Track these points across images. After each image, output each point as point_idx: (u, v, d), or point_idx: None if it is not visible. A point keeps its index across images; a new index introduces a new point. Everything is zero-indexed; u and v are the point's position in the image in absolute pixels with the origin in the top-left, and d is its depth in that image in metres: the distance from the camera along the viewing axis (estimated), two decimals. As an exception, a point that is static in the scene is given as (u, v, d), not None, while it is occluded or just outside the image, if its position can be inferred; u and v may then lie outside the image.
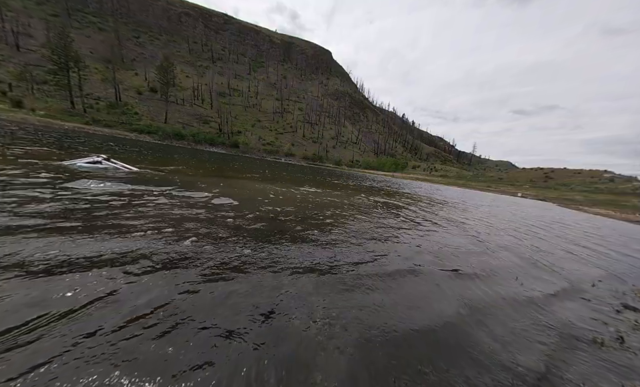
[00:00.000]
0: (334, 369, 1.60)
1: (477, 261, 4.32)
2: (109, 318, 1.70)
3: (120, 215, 3.71)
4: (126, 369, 1.36)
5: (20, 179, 4.77)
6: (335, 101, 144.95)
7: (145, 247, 2.82)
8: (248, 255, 3.05)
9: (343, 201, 8.79)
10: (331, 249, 3.76)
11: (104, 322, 1.66)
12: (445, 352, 1.95)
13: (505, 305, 2.93)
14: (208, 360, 1.51)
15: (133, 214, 3.85)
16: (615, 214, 27.49)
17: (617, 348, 2.41)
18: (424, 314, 2.44)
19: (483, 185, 70.65)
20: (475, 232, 6.86)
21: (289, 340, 1.79)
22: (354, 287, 2.72)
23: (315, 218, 5.60)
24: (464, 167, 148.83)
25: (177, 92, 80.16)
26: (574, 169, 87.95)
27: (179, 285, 2.22)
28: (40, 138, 14.35)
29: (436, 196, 18.69)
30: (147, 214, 3.97)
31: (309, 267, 3.01)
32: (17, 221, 2.95)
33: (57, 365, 1.33)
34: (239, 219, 4.53)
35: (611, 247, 8.05)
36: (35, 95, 46.94)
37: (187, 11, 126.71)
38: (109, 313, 1.75)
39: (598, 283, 4.23)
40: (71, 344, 1.46)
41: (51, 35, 56.60)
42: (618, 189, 61.29)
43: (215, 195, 6.16)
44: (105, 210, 3.85)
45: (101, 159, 7.95)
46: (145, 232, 3.23)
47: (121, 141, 27.33)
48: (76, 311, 1.71)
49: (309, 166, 60.59)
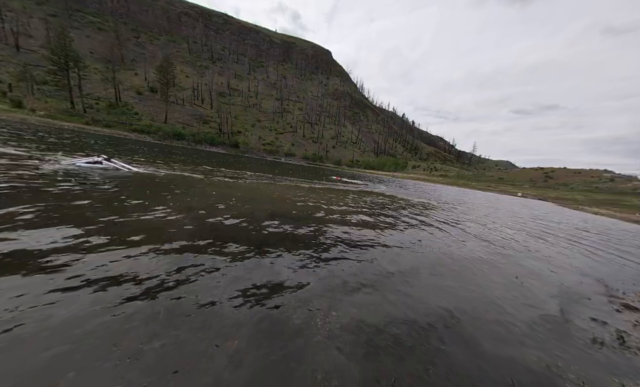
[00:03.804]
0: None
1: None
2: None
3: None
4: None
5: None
6: (335, 100, 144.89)
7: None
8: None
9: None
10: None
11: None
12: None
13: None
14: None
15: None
16: (615, 214, 27.45)
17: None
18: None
19: (484, 185, 70.60)
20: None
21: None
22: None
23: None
24: (464, 166, 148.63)
25: (177, 92, 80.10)
26: (574, 168, 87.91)
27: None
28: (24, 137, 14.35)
29: (459, 204, 18.61)
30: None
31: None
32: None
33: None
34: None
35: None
36: (35, 95, 46.89)
37: (187, 11, 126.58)
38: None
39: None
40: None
41: (50, 35, 56.62)
42: (618, 188, 61.27)
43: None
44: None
45: (101, 159, 7.92)
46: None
47: (121, 141, 27.33)
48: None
49: (309, 166, 60.56)
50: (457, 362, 1.87)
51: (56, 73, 46.24)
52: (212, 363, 1.50)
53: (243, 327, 1.85)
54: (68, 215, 3.41)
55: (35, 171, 5.71)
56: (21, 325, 1.55)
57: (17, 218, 3.05)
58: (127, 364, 1.41)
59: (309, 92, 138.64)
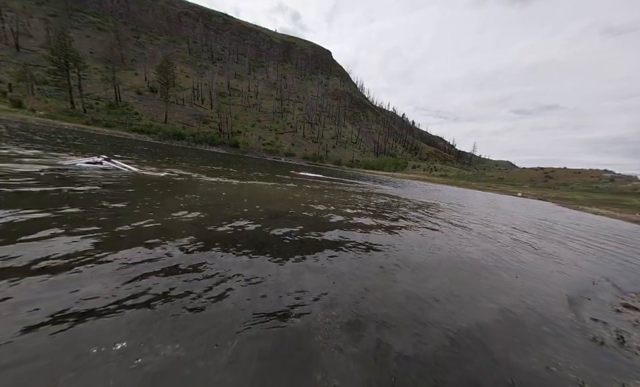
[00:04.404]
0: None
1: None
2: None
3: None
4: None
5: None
6: (335, 100, 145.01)
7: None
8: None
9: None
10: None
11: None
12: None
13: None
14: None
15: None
16: (615, 214, 27.45)
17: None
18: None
19: (484, 185, 70.60)
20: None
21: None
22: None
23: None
24: (464, 166, 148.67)
25: (177, 92, 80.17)
26: (574, 168, 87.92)
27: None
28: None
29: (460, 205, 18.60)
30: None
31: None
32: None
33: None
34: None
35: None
36: (35, 95, 46.95)
37: (187, 11, 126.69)
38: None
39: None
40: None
41: (50, 35, 56.68)
42: (618, 188, 61.29)
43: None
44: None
45: (101, 159, 7.93)
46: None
47: (121, 141, 27.34)
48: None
49: (309, 166, 60.58)
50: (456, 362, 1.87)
51: (56, 73, 46.30)
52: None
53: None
54: (68, 216, 3.41)
55: (36, 171, 5.71)
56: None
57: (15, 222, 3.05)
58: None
59: (309, 92, 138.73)
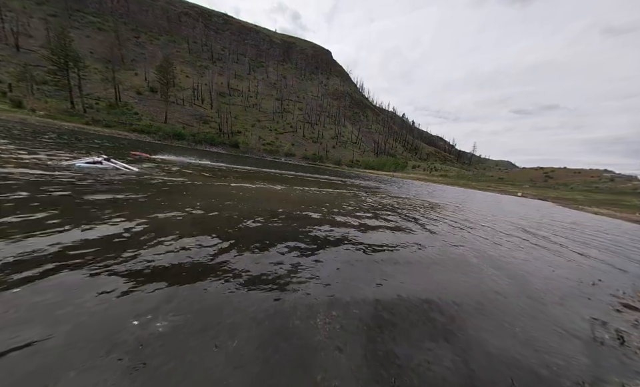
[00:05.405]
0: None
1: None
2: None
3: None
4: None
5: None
6: (335, 100, 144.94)
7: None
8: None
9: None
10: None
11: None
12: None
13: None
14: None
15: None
16: (615, 214, 27.44)
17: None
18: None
19: (484, 185, 70.61)
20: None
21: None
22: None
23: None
24: (464, 166, 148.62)
25: (177, 92, 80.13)
26: (574, 168, 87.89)
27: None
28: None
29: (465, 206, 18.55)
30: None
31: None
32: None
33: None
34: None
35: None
36: (35, 95, 46.92)
37: (187, 11, 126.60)
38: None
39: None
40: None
41: (50, 35, 56.64)
42: (618, 188, 61.28)
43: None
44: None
45: (101, 159, 7.91)
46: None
47: (121, 141, 27.33)
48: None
49: (309, 166, 60.58)
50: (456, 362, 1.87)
51: (56, 73, 46.28)
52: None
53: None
54: (67, 217, 3.41)
55: (37, 172, 5.71)
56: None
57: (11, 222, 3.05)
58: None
59: (309, 92, 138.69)
